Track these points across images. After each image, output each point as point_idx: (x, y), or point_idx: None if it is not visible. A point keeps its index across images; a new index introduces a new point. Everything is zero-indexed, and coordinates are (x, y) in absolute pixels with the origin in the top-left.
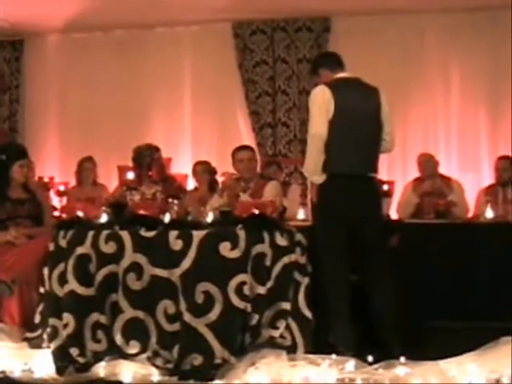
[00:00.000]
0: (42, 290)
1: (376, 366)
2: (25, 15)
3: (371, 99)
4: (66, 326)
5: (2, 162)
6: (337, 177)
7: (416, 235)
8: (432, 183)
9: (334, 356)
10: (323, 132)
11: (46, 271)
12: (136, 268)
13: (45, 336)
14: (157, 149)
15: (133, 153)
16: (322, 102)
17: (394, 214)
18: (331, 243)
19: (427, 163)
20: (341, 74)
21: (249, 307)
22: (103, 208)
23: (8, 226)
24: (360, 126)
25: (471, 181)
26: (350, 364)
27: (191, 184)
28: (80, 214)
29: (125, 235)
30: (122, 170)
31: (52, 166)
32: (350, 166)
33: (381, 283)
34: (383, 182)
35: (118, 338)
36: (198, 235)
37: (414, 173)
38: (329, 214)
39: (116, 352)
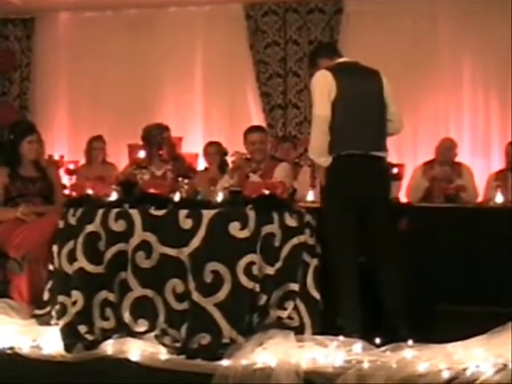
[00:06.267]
0: (51, 267)
1: (383, 348)
2: None
3: (372, 81)
4: (74, 303)
5: (11, 140)
6: (343, 157)
7: (425, 219)
8: (442, 170)
9: (341, 338)
10: (327, 114)
11: (55, 249)
12: (145, 246)
13: (53, 313)
14: (166, 128)
15: (142, 132)
16: (324, 85)
17: (403, 198)
18: (340, 225)
19: (448, 151)
20: (340, 59)
21: (257, 287)
22: (113, 186)
23: (18, 204)
24: (363, 107)
25: (481, 165)
26: (358, 346)
27: (201, 163)
28: (90, 192)
29: (134, 214)
30: (132, 149)
31: (62, 144)
32: (354, 145)
33: (388, 266)
34: (393, 165)
35: (127, 316)
36: (207, 215)
37: (425, 156)
38: (337, 196)
39: (124, 330)
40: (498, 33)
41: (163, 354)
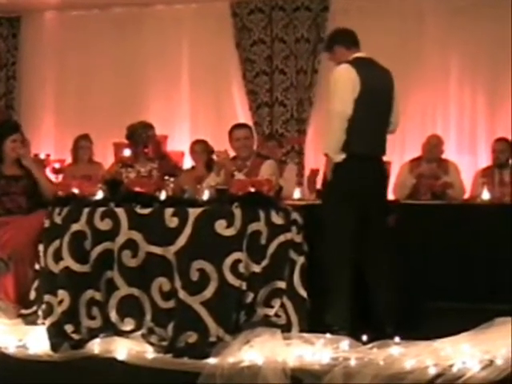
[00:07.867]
0: (37, 266)
1: (370, 345)
2: None
3: (387, 80)
4: (60, 302)
5: None
6: (357, 157)
7: (412, 216)
8: (429, 167)
9: (328, 335)
10: (349, 111)
11: (41, 248)
12: (131, 245)
13: (40, 312)
14: (151, 126)
15: (127, 130)
16: (348, 81)
17: (390, 195)
18: (342, 222)
19: (435, 148)
20: (357, 54)
21: (244, 285)
22: (99, 185)
23: (3, 202)
24: (378, 107)
25: (468, 162)
26: (345, 343)
27: (187, 162)
28: (75, 190)
29: (120, 212)
30: (118, 147)
31: (48, 143)
32: (369, 147)
33: (380, 264)
34: None
35: (113, 315)
36: (193, 213)
37: (412, 153)
38: (344, 193)
39: (111, 329)
40: (484, 31)
41: (150, 352)
